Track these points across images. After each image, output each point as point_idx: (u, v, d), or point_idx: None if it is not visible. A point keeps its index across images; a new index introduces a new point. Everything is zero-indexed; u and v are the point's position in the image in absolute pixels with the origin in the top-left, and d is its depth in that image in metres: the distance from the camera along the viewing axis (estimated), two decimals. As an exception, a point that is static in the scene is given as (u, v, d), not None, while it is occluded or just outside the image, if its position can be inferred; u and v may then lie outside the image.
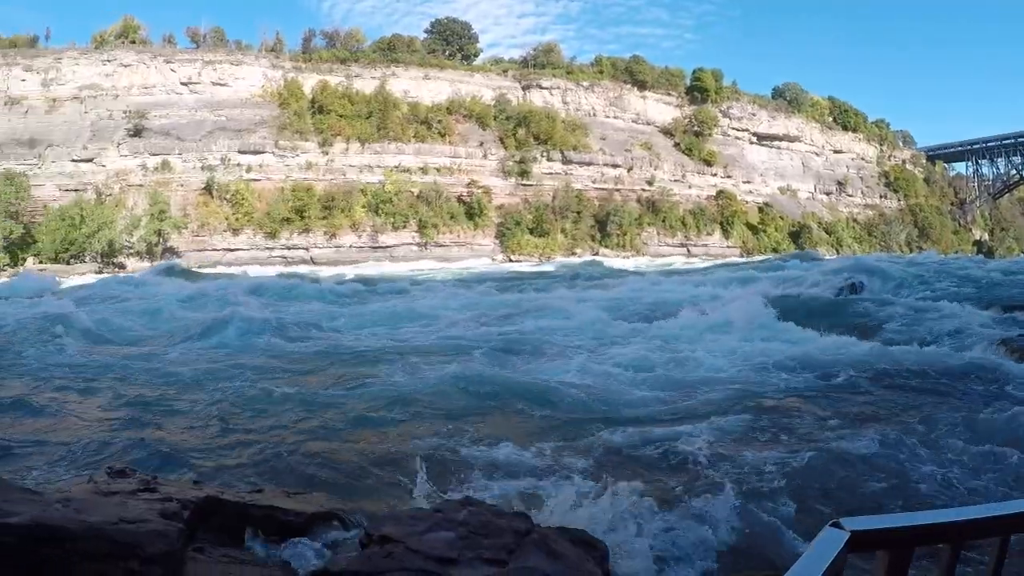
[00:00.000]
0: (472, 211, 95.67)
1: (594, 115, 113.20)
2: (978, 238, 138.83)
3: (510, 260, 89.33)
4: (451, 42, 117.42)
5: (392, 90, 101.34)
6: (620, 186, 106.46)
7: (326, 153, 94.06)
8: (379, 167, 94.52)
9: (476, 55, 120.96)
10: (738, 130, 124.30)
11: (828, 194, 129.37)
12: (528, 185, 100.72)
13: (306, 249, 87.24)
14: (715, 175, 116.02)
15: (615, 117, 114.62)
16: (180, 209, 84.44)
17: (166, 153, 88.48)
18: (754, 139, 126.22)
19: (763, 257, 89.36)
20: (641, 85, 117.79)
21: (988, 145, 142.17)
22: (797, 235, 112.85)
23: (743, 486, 8.87)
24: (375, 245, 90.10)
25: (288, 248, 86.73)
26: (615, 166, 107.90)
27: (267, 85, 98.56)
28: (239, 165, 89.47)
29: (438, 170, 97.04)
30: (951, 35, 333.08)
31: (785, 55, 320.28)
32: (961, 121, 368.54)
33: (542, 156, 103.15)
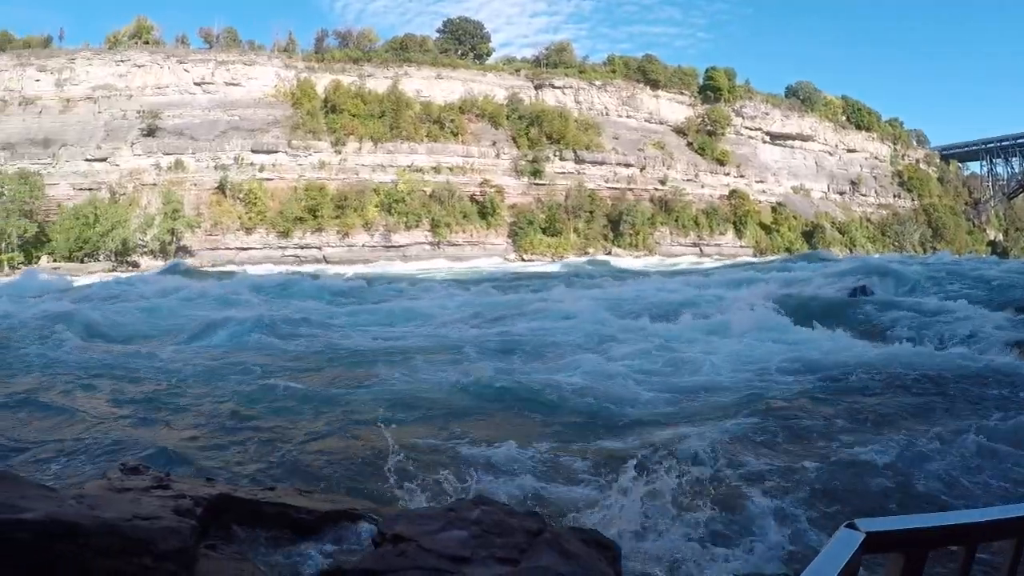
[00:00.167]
0: (485, 210, 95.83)
1: (607, 114, 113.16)
2: (992, 238, 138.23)
3: (522, 259, 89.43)
4: (463, 41, 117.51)
5: (405, 90, 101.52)
6: (633, 185, 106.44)
7: (339, 152, 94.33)
8: (392, 166, 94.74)
9: (488, 54, 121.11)
10: (751, 129, 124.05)
11: (841, 194, 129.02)
12: (541, 184, 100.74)
13: (319, 248, 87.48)
14: (728, 174, 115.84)
15: (628, 116, 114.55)
16: (193, 208, 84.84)
17: (179, 153, 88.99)
18: (767, 138, 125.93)
19: (774, 257, 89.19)
20: (654, 84, 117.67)
21: (1003, 144, 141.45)
22: (810, 235, 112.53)
23: (754, 488, 8.81)
24: (388, 244, 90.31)
25: (301, 247, 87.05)
26: (628, 165, 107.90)
27: (280, 85, 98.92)
28: (252, 164, 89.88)
29: (451, 169, 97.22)
30: (965, 33, 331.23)
31: (798, 54, 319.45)
32: (975, 120, 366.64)
33: (555, 155, 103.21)
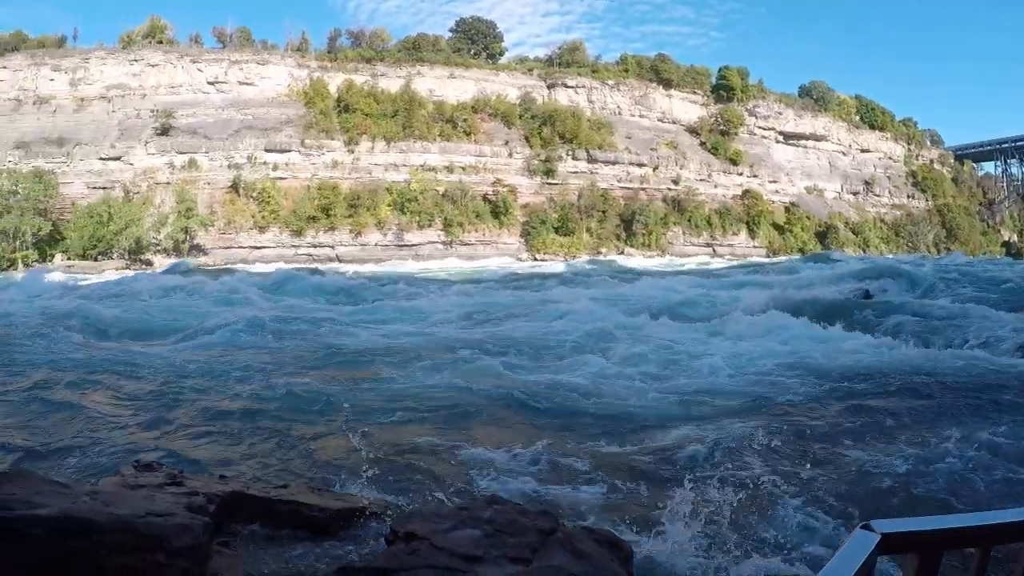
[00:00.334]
0: (497, 210, 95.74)
1: (619, 114, 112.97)
2: (1007, 239, 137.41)
3: (535, 259, 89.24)
4: (476, 41, 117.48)
5: (417, 89, 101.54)
6: (646, 185, 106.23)
7: (352, 152, 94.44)
8: (405, 166, 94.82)
9: (501, 54, 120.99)
10: (764, 129, 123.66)
11: (855, 194, 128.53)
12: (553, 184, 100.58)
13: (332, 247, 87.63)
14: (741, 174, 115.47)
15: (640, 116, 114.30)
16: (207, 207, 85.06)
17: (193, 152, 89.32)
18: (780, 138, 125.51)
19: (784, 258, 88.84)
20: (667, 84, 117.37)
21: (1017, 145, 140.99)
22: (824, 235, 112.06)
23: (765, 490, 8.80)
24: (401, 244, 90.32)
25: (314, 246, 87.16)
26: (640, 165, 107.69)
27: (293, 84, 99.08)
28: (265, 163, 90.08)
29: (463, 169, 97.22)
30: (979, 33, 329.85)
31: (811, 53, 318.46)
32: (989, 120, 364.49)
33: (567, 155, 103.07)
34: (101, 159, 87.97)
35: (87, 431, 11.51)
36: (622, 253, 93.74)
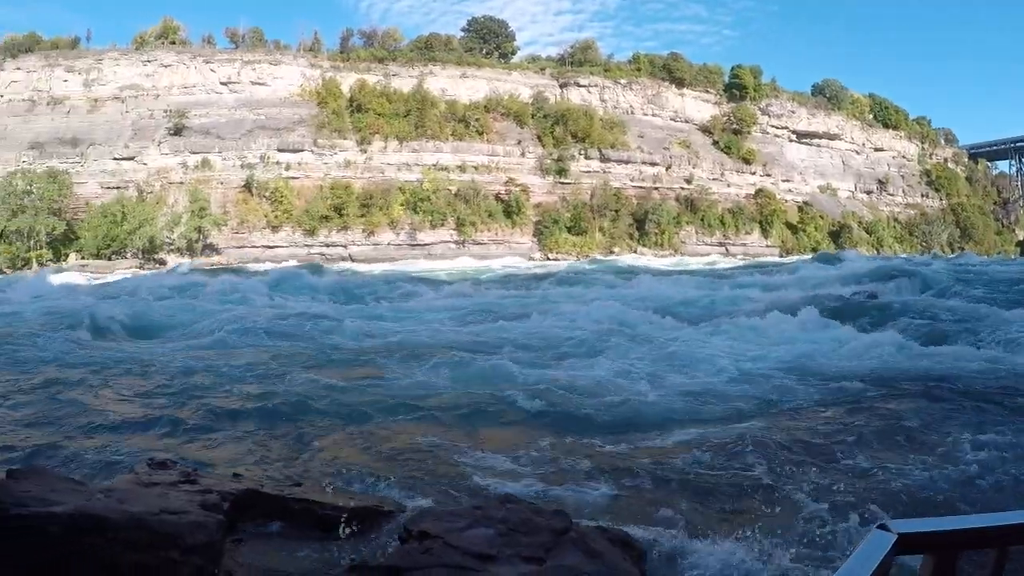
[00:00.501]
0: (510, 209, 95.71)
1: (632, 113, 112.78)
2: (1022, 239, 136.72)
3: (547, 259, 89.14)
4: (488, 40, 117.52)
5: (430, 89, 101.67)
6: (658, 184, 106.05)
7: (364, 151, 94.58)
8: (417, 165, 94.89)
9: (513, 53, 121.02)
10: (777, 128, 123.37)
11: (869, 193, 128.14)
12: (566, 183, 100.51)
13: (344, 247, 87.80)
14: (754, 173, 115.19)
15: (653, 115, 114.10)
16: (220, 206, 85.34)
17: (206, 151, 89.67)
18: (793, 137, 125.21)
19: (796, 258, 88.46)
20: (679, 82, 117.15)
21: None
22: (837, 235, 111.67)
23: (775, 490, 8.75)
24: (413, 243, 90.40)
25: (327, 245, 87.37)
26: (653, 164, 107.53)
27: (305, 84, 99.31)
28: (278, 163, 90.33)
29: (476, 168, 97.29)
30: (993, 31, 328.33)
31: (825, 51, 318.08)
32: (1004, 119, 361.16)
33: (580, 154, 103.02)
34: (115, 159, 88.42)
35: (98, 429, 11.55)
36: (635, 252, 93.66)
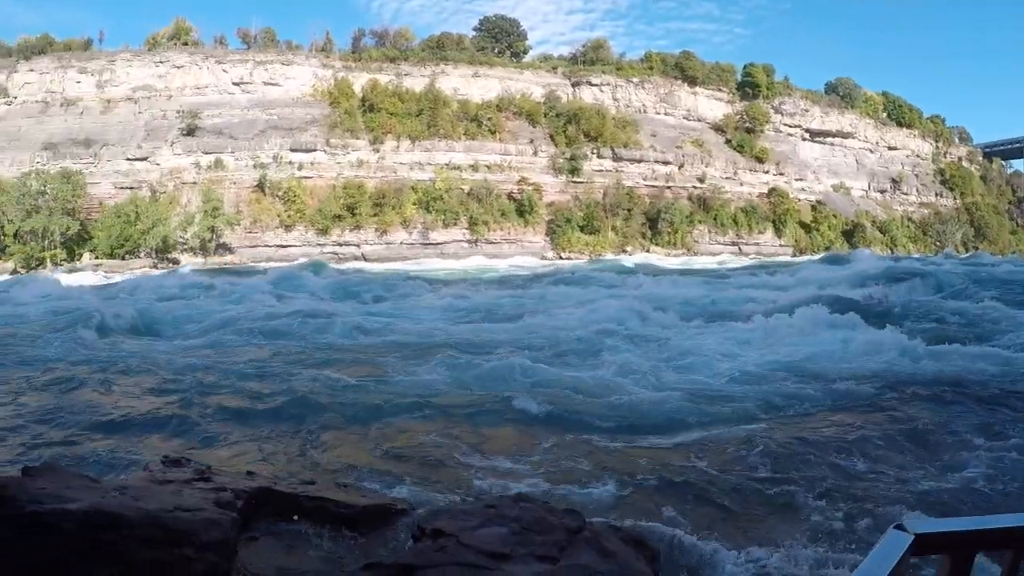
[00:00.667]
0: (523, 208, 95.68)
1: (644, 112, 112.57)
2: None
3: (560, 257, 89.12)
4: (500, 39, 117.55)
5: (442, 88, 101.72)
6: (671, 183, 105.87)
7: (377, 151, 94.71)
8: (429, 164, 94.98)
9: (525, 52, 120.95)
10: (790, 126, 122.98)
11: (882, 192, 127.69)
12: (579, 182, 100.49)
13: (357, 246, 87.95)
14: (767, 172, 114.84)
15: (665, 113, 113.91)
16: (233, 206, 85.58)
17: (219, 151, 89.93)
18: (807, 135, 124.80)
19: (807, 257, 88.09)
20: (691, 81, 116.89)
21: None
22: (850, 234, 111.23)
23: (786, 490, 8.74)
24: (426, 242, 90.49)
25: (340, 245, 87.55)
26: (666, 163, 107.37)
27: (318, 84, 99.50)
28: (291, 163, 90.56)
29: (488, 167, 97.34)
30: (1008, 28, 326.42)
31: (838, 49, 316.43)
32: (1019, 117, 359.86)
33: (592, 153, 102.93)
34: (128, 159, 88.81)
35: (109, 427, 11.71)
36: (648, 251, 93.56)
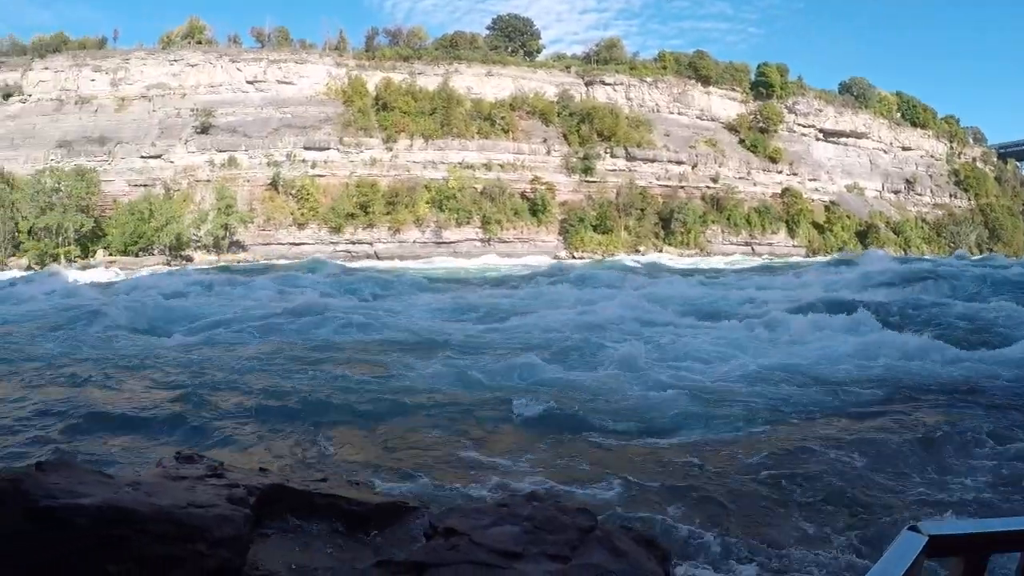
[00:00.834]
0: (536, 208, 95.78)
1: (658, 111, 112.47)
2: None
3: (573, 257, 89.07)
4: (513, 39, 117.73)
5: (455, 87, 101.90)
6: (684, 183, 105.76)
7: (390, 149, 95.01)
8: (443, 163, 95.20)
9: (538, 51, 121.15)
10: (804, 126, 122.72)
11: (896, 192, 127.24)
12: (592, 182, 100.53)
13: (370, 244, 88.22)
14: (780, 172, 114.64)
15: (679, 113, 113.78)
16: (246, 204, 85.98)
17: (232, 149, 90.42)
18: (820, 135, 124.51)
19: (822, 258, 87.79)
20: (705, 80, 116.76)
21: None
22: (864, 235, 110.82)
23: (797, 491, 8.70)
24: (439, 241, 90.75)
25: (353, 243, 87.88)
26: (679, 163, 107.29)
27: (331, 83, 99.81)
28: (304, 161, 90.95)
29: (501, 166, 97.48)
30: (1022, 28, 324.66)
31: (852, 49, 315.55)
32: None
33: (605, 153, 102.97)
34: (142, 157, 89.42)
35: (120, 423, 11.83)
36: (661, 251, 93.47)
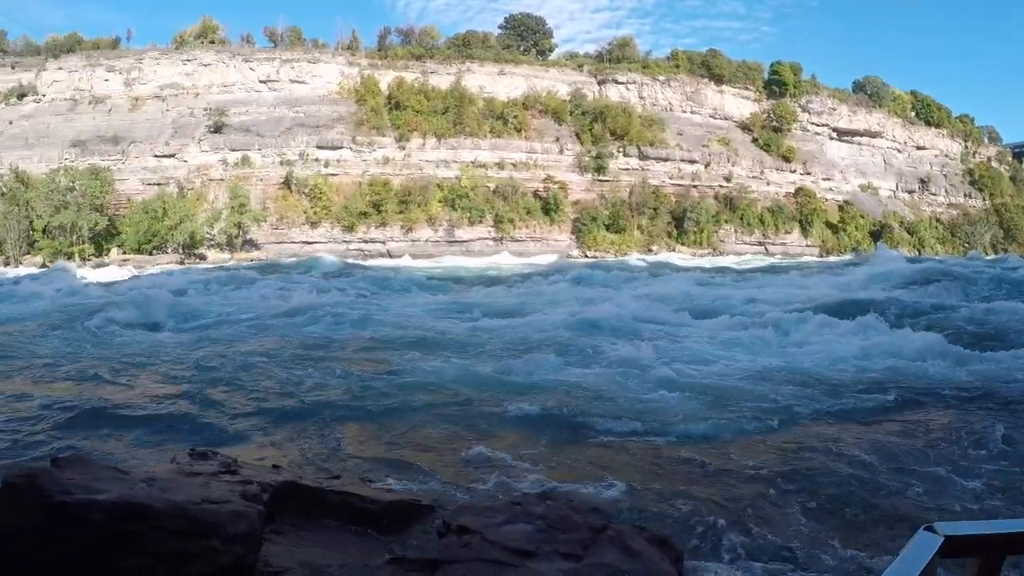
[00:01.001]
0: (548, 206, 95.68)
1: (670, 110, 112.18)
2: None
3: (586, 256, 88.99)
4: (526, 37, 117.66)
5: (467, 86, 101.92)
6: (697, 182, 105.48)
7: (403, 148, 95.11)
8: (455, 162, 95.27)
9: (551, 50, 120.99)
10: (817, 125, 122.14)
11: (910, 192, 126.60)
12: (604, 181, 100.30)
13: (383, 243, 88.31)
14: (794, 171, 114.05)
15: (692, 112, 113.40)
16: (259, 203, 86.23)
17: (246, 149, 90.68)
18: (834, 134, 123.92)
19: (833, 258, 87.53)
20: (718, 79, 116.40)
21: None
22: (878, 235, 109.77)
23: (809, 494, 8.66)
24: (451, 239, 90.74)
25: (365, 241, 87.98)
26: (692, 162, 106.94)
27: (344, 82, 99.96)
28: (317, 160, 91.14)
29: (514, 165, 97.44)
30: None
31: (865, 48, 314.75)
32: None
33: (618, 151, 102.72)
34: (155, 156, 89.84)
35: (132, 420, 11.88)
36: (673, 251, 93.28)
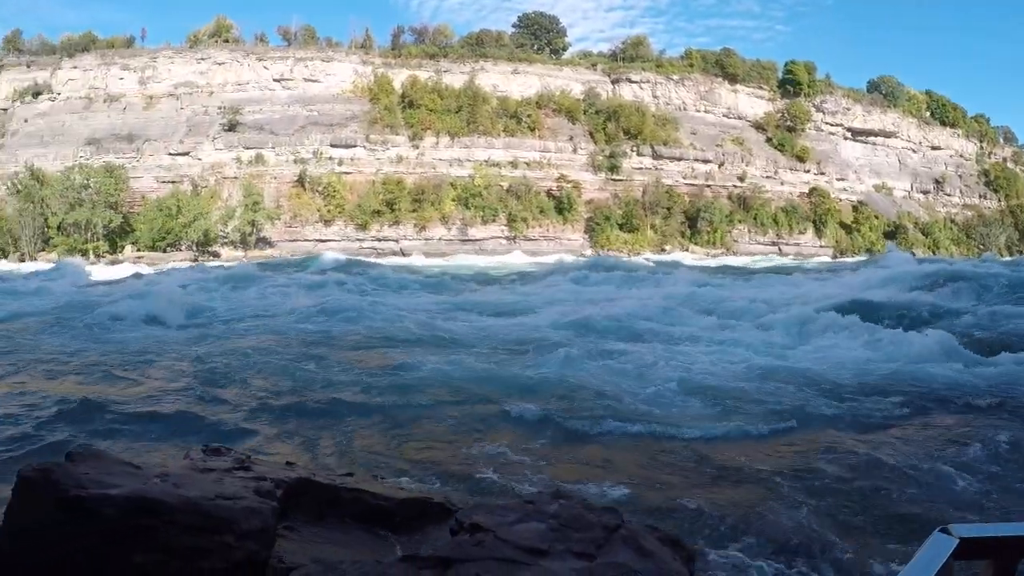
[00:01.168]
0: (561, 205, 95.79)
1: (684, 109, 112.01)
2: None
3: (599, 255, 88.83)
4: (539, 36, 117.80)
5: (481, 84, 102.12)
6: (711, 182, 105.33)
7: (416, 147, 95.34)
8: (468, 161, 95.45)
9: (564, 49, 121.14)
10: (832, 125, 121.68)
11: (925, 193, 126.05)
12: (618, 180, 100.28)
13: (396, 241, 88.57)
14: (808, 171, 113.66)
15: (706, 111, 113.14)
16: (273, 200, 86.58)
17: (260, 147, 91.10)
18: (848, 134, 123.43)
19: (847, 259, 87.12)
20: (732, 78, 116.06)
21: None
22: (892, 235, 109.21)
23: (821, 495, 8.63)
24: (464, 238, 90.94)
25: (379, 240, 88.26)
26: (706, 161, 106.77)
27: (358, 81, 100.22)
28: (331, 158, 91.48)
29: (527, 164, 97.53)
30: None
31: (880, 47, 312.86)
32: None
33: (632, 151, 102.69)
34: (170, 154, 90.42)
35: (144, 416, 11.82)
36: (687, 250, 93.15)
